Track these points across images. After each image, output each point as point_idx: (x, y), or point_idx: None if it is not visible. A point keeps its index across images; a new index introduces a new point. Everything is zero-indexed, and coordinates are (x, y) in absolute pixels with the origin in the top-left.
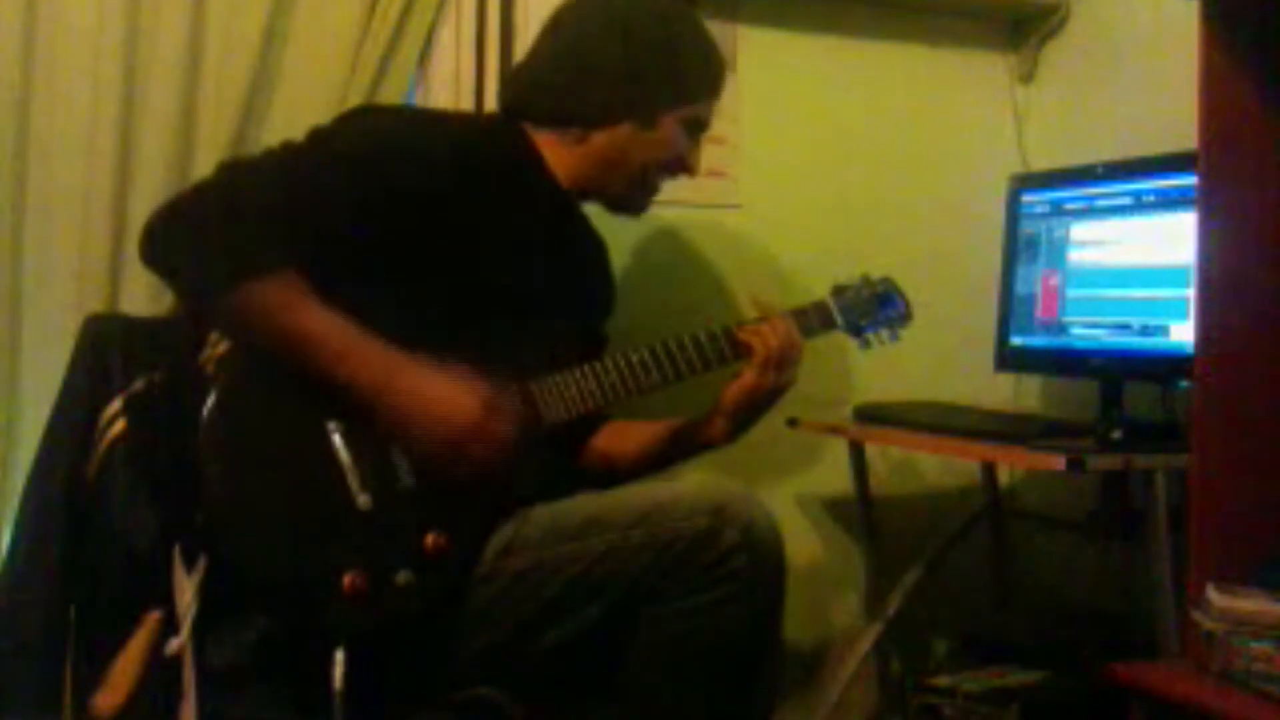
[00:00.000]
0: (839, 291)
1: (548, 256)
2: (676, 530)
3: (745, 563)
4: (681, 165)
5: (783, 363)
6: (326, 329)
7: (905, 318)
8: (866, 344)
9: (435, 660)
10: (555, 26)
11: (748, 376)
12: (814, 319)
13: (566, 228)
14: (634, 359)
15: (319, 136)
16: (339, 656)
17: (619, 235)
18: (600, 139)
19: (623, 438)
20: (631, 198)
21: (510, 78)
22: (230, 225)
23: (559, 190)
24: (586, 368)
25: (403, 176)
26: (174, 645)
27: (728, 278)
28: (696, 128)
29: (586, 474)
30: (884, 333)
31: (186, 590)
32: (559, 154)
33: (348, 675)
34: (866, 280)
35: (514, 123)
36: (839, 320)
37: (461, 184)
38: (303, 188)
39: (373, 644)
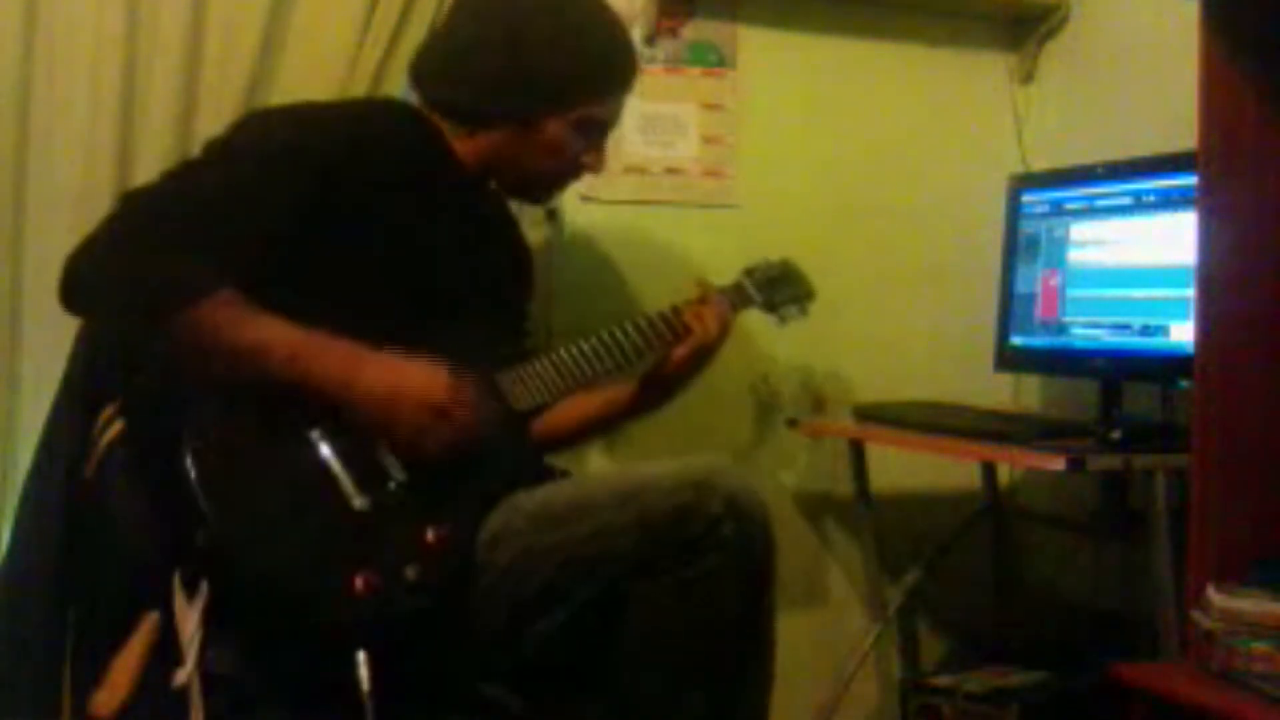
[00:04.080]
0: (750, 272)
1: (457, 237)
2: (661, 506)
3: (731, 533)
4: (574, 168)
5: (718, 342)
6: (277, 335)
7: (810, 294)
8: (783, 320)
9: (438, 655)
10: (454, 10)
11: (683, 355)
12: (735, 299)
13: (474, 207)
14: (586, 348)
15: (215, 149)
16: (361, 658)
17: (617, 234)
18: (487, 139)
19: (565, 406)
20: (526, 192)
21: (417, 53)
22: (154, 256)
23: (463, 170)
24: (547, 360)
25: (303, 175)
26: (181, 677)
27: (725, 278)
28: (594, 129)
29: (537, 443)
30: (793, 308)
31: (189, 618)
32: (457, 140)
33: (366, 676)
34: (769, 262)
35: (412, 106)
36: (756, 298)
37: (361, 174)
38: (213, 204)
39: (390, 643)
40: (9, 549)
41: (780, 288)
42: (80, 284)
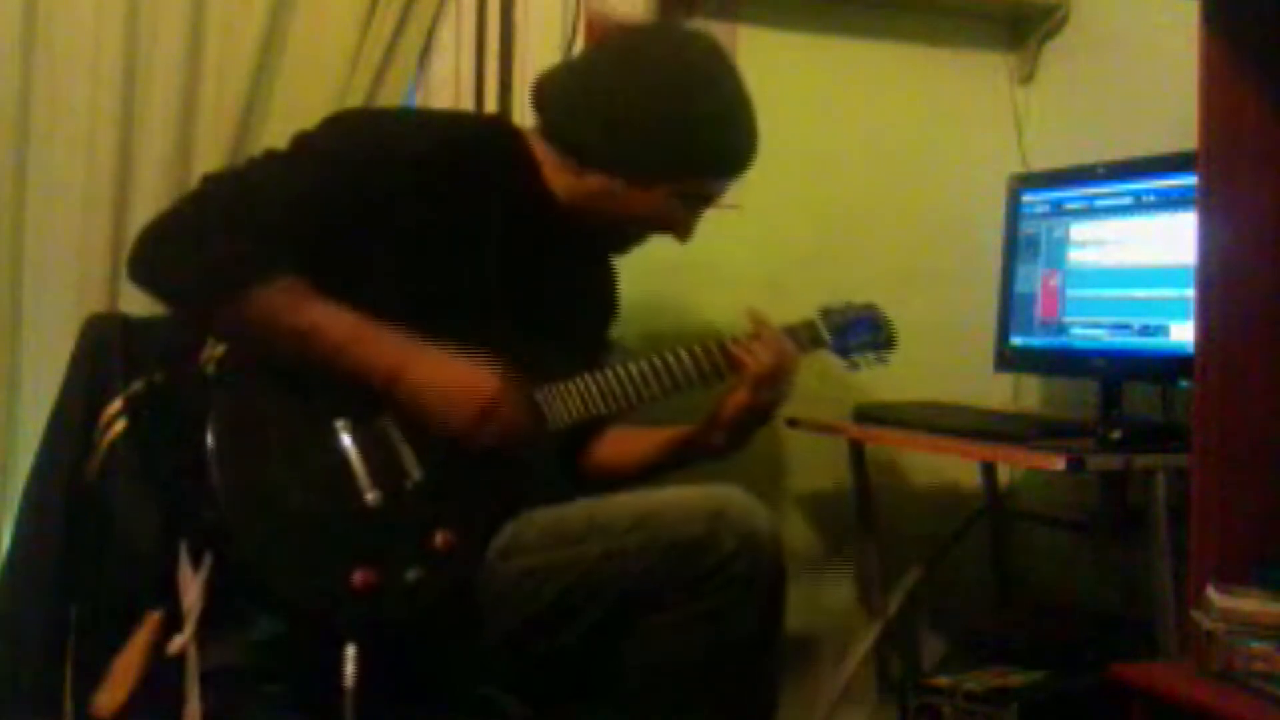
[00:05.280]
0: (826, 312)
1: (533, 261)
2: (674, 536)
3: (744, 570)
4: (669, 230)
5: (776, 379)
6: (334, 319)
7: (891, 342)
8: (855, 366)
9: (438, 659)
10: (602, 49)
11: (741, 392)
12: (803, 337)
13: (553, 233)
14: (634, 370)
15: (301, 143)
16: (350, 653)
17: None
18: (593, 180)
19: (623, 445)
20: (610, 239)
21: (544, 77)
22: (224, 237)
23: (550, 198)
24: (589, 377)
25: (380, 180)
26: (177, 644)
27: (725, 278)
28: (698, 201)
29: (587, 480)
30: (870, 355)
31: (192, 587)
32: (557, 172)
33: (352, 672)
34: (850, 304)
35: (514, 128)
36: (828, 339)
37: (440, 187)
38: (283, 197)
39: (383, 642)
40: (9, 549)
41: (858, 332)
42: (146, 258)
